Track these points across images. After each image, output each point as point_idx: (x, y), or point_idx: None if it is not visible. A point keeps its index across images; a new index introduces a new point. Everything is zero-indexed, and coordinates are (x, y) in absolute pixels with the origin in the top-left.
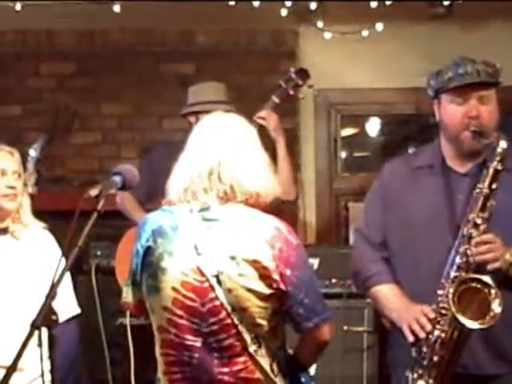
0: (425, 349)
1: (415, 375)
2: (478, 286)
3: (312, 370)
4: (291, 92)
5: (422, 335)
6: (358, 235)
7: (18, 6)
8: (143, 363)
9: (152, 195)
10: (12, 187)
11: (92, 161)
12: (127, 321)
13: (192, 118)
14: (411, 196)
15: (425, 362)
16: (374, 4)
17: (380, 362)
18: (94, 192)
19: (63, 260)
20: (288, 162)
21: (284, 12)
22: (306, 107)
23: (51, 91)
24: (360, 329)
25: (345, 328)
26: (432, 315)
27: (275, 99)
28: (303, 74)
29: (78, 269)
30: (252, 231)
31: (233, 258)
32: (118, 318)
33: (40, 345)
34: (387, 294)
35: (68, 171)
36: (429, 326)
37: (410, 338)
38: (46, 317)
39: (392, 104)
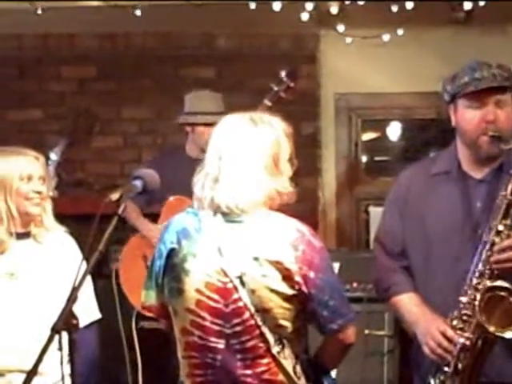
0: (449, 357)
1: (437, 381)
2: (503, 293)
3: (333, 374)
4: (282, 94)
5: (449, 358)
6: (377, 245)
7: (40, 10)
8: (162, 367)
9: (150, 202)
10: (38, 192)
11: (113, 165)
12: (132, 325)
13: (188, 128)
14: (428, 204)
15: (448, 369)
16: (394, 8)
17: (400, 366)
18: (114, 196)
19: (84, 264)
20: None
21: (305, 16)
22: (326, 112)
23: (72, 95)
24: (381, 333)
25: (366, 332)
26: (451, 333)
27: (267, 102)
28: (293, 75)
29: (98, 273)
30: (275, 233)
31: (256, 258)
32: (139, 321)
33: (60, 349)
34: (405, 304)
35: (89, 175)
36: (451, 347)
37: (436, 359)
38: (66, 321)
39: (413, 108)
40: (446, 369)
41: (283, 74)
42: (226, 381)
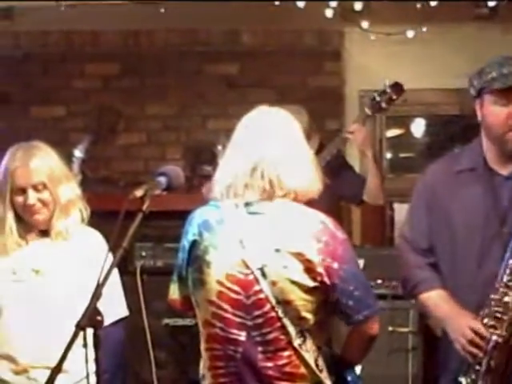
0: (481, 354)
1: (469, 380)
2: None
3: (357, 371)
4: (384, 105)
5: (481, 355)
6: (403, 241)
7: (63, 7)
8: (187, 364)
9: None
10: (34, 203)
11: (137, 162)
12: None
13: None
14: (454, 201)
15: (480, 368)
16: (418, 5)
17: (425, 363)
18: (139, 193)
19: (109, 260)
20: (375, 173)
21: (329, 12)
22: (351, 108)
23: (96, 92)
24: (405, 329)
25: (390, 329)
26: (482, 330)
27: (367, 111)
28: (398, 88)
29: (123, 270)
30: (297, 225)
31: (277, 250)
32: (164, 318)
33: (85, 346)
34: (435, 301)
35: (113, 172)
36: (483, 345)
37: (470, 359)
38: (91, 318)
39: (437, 105)
40: (477, 367)
41: (387, 84)
42: (247, 373)
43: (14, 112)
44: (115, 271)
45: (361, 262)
